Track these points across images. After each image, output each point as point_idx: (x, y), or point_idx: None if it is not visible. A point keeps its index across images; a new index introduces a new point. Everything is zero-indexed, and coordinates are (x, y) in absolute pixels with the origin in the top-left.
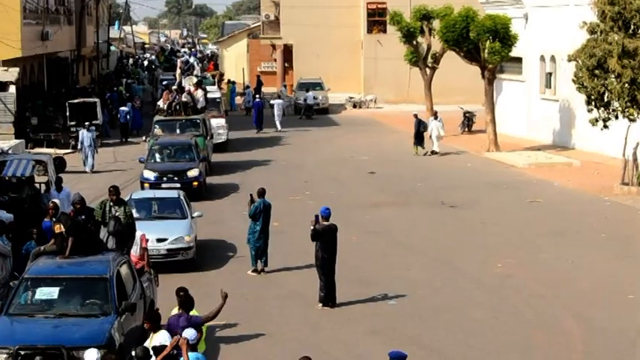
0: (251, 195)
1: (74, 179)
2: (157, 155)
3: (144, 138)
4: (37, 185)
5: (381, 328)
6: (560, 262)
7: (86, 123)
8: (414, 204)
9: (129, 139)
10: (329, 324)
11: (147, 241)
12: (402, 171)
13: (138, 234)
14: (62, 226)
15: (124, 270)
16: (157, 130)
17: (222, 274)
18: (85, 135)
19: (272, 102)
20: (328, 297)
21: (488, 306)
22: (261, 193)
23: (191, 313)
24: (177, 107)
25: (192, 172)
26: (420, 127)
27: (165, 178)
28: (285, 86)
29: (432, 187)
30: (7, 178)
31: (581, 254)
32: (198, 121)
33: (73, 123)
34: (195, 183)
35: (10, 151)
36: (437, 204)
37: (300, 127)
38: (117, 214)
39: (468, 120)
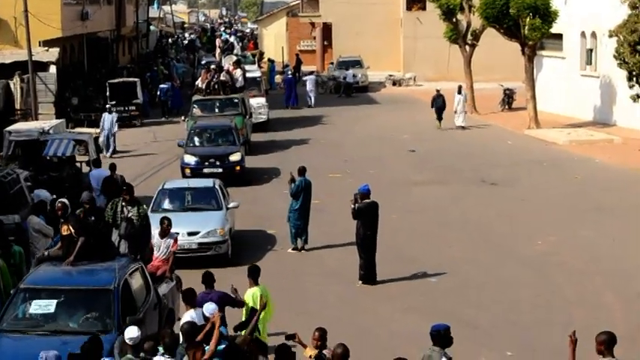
0: (292, 174)
1: (113, 159)
2: (197, 139)
3: (182, 118)
4: (78, 165)
5: (420, 305)
6: (602, 239)
7: (107, 105)
8: (455, 182)
9: (169, 118)
10: (369, 302)
11: (177, 244)
12: (443, 149)
13: (164, 241)
14: (70, 228)
15: (134, 279)
16: (196, 110)
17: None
18: (106, 118)
19: (304, 78)
20: (368, 275)
21: (530, 283)
22: (302, 171)
23: None
24: (216, 87)
25: (235, 157)
26: (437, 102)
27: (206, 163)
28: (332, 64)
29: (473, 164)
30: (48, 158)
31: (623, 231)
32: (237, 100)
33: (113, 102)
34: (238, 167)
35: (51, 131)
36: (477, 181)
37: (339, 106)
38: (129, 215)
39: (508, 97)
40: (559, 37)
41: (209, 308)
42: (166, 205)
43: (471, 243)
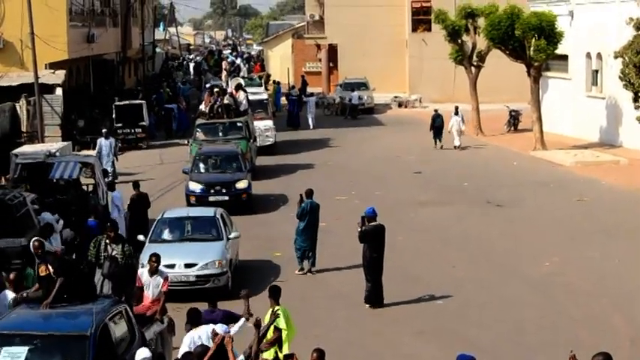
0: (301, 195)
1: (120, 182)
2: (202, 165)
3: (186, 141)
4: (85, 187)
5: (428, 327)
6: (608, 261)
7: (103, 130)
8: (460, 203)
9: (175, 141)
10: (377, 324)
11: (168, 284)
12: (448, 170)
13: (153, 279)
14: (49, 268)
15: (116, 322)
16: (199, 134)
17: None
18: (102, 143)
19: (305, 99)
20: (376, 297)
21: (536, 304)
22: (309, 193)
23: None
24: (220, 110)
25: (241, 184)
26: (437, 122)
27: (212, 191)
28: (340, 86)
29: (479, 186)
30: (54, 181)
31: (629, 253)
32: (241, 124)
33: (119, 125)
34: (244, 195)
35: (57, 154)
36: (483, 203)
37: (345, 127)
38: (113, 253)
39: (514, 119)
40: (564, 58)
41: (222, 328)
42: (165, 235)
43: (477, 264)
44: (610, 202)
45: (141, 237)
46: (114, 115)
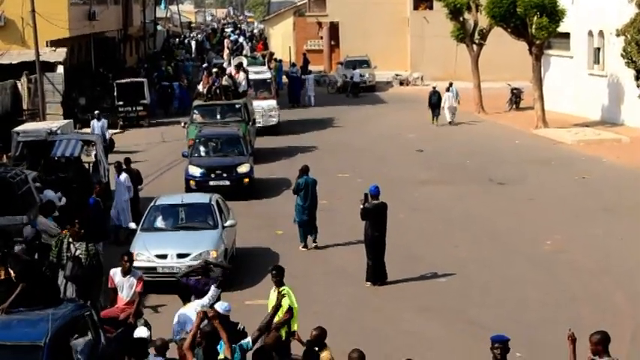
0: (299, 171)
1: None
2: (202, 148)
3: (182, 124)
4: (86, 165)
5: (430, 305)
6: (610, 239)
7: (96, 112)
8: (462, 181)
9: (176, 119)
10: (378, 302)
11: (142, 284)
12: (450, 148)
13: (127, 279)
14: (11, 271)
15: (77, 329)
16: (197, 116)
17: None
18: (95, 125)
19: (303, 77)
20: (378, 275)
21: (538, 282)
22: (305, 170)
23: None
24: (218, 91)
25: (243, 168)
26: (433, 99)
27: (213, 175)
28: (342, 64)
29: (480, 164)
30: (56, 158)
31: (631, 230)
32: (240, 105)
33: (120, 103)
34: (246, 180)
35: (58, 132)
36: (485, 181)
37: (346, 105)
38: (77, 253)
39: (516, 97)
40: (566, 36)
41: (223, 306)
42: (158, 223)
43: (479, 242)
44: (612, 180)
45: (132, 225)
46: (115, 93)
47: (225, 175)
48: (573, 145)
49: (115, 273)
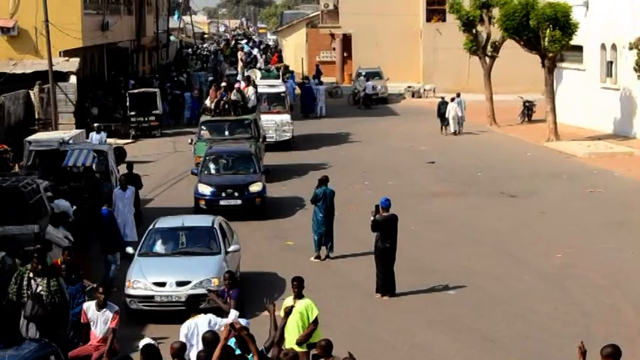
0: (319, 181)
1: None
2: (212, 166)
3: (189, 141)
4: (97, 175)
5: (440, 317)
6: (621, 253)
7: (95, 125)
8: (474, 193)
9: (189, 130)
10: (387, 313)
11: (118, 319)
12: (462, 161)
13: (102, 313)
14: None
15: None
16: (204, 132)
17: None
18: (93, 137)
19: (314, 88)
20: (387, 287)
21: (548, 296)
22: (323, 181)
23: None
24: (227, 106)
25: (255, 187)
26: (442, 109)
27: (223, 194)
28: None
29: (492, 176)
30: (67, 168)
31: None
32: (249, 121)
33: (133, 113)
34: (259, 199)
35: (71, 141)
36: (496, 193)
37: (358, 117)
38: (38, 289)
39: (528, 109)
40: (579, 49)
41: (242, 321)
42: (157, 247)
43: (490, 255)
44: (623, 194)
45: (129, 249)
46: (127, 103)
47: (236, 194)
48: (585, 158)
49: (89, 307)
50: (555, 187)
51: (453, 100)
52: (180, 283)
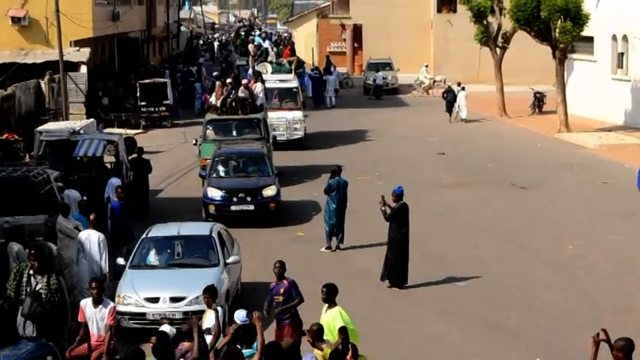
0: (331, 172)
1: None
2: (222, 168)
3: (194, 141)
4: (108, 165)
5: (450, 309)
6: (631, 243)
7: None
8: (484, 184)
9: (200, 121)
10: (398, 304)
11: (114, 315)
12: (472, 151)
13: (98, 310)
14: None
15: None
16: (210, 132)
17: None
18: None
19: (324, 77)
20: (399, 277)
21: (559, 287)
22: (337, 171)
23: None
24: (234, 104)
25: (269, 191)
26: (448, 97)
27: (235, 199)
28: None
29: (502, 167)
30: (78, 158)
31: None
32: (257, 120)
33: (143, 103)
34: (273, 205)
35: (81, 131)
36: (507, 184)
37: (369, 108)
38: (37, 287)
39: (539, 100)
40: (590, 40)
41: (240, 315)
42: (150, 258)
43: (501, 246)
44: (634, 185)
45: (120, 260)
46: (138, 94)
47: (249, 198)
48: (595, 150)
49: (86, 304)
50: (566, 179)
51: (460, 85)
52: (174, 299)
